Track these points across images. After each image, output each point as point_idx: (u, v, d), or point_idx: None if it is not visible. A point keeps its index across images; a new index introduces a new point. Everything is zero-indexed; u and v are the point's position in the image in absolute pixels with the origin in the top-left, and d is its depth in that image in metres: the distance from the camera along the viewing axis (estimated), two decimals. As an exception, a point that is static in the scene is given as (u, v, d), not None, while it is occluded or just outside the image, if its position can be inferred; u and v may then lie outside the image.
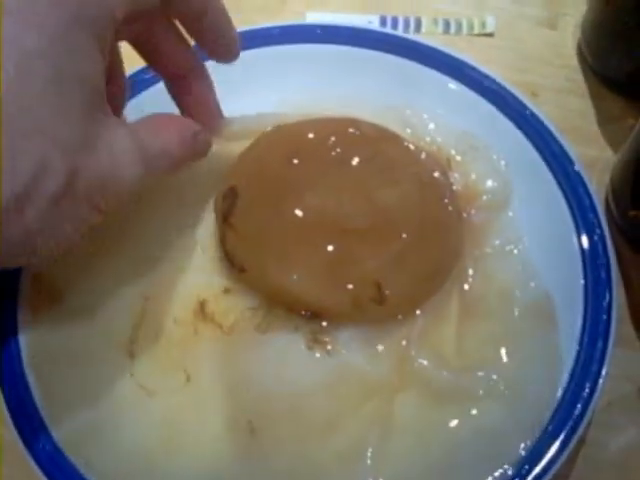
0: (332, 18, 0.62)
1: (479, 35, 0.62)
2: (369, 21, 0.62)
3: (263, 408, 0.44)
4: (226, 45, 0.46)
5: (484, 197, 0.51)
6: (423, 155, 0.51)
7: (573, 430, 0.42)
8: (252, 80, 0.55)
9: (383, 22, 0.63)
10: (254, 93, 0.54)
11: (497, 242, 0.49)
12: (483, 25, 0.62)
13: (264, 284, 0.47)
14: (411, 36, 0.58)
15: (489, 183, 0.51)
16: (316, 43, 0.56)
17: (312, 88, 0.55)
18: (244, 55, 0.53)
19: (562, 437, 0.42)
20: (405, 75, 0.55)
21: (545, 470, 0.42)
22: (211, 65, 0.55)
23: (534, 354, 0.46)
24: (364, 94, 0.55)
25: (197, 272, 0.48)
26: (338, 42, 0.56)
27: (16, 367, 0.45)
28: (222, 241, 0.48)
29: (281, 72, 0.56)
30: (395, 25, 0.62)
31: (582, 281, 0.47)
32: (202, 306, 0.47)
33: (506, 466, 0.42)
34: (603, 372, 0.44)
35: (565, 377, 0.44)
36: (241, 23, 0.57)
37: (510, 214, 0.51)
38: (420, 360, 0.45)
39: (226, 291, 0.48)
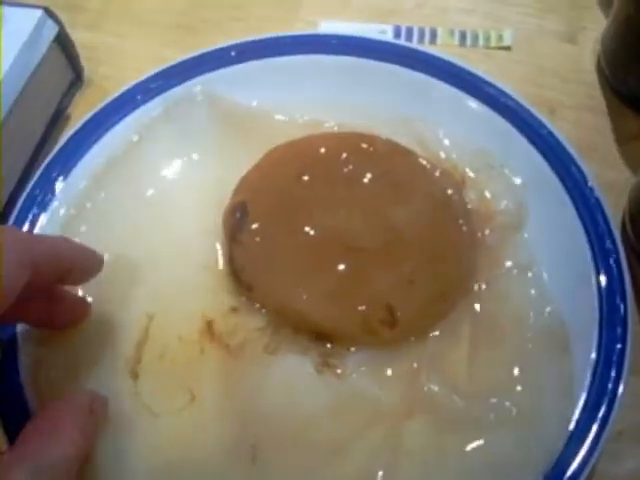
0: (346, 28, 0.61)
1: (496, 48, 0.61)
2: (383, 31, 0.61)
3: (268, 432, 0.43)
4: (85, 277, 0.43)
5: (499, 217, 0.50)
6: (437, 173, 0.50)
7: (585, 462, 0.41)
8: (262, 90, 0.54)
9: (397, 32, 0.61)
10: (263, 103, 0.54)
11: (511, 264, 0.48)
12: (500, 38, 0.61)
13: (272, 303, 0.46)
14: (426, 49, 0.57)
15: (504, 203, 0.50)
16: (328, 54, 0.55)
17: (324, 99, 0.54)
18: (256, 64, 0.53)
19: (574, 469, 0.41)
20: (419, 89, 0.54)
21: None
22: (220, 74, 0.53)
23: (547, 383, 0.44)
24: (377, 107, 0.54)
25: (204, 290, 0.48)
26: (351, 53, 0.55)
27: (16, 384, 0.44)
28: (230, 258, 0.47)
29: (292, 83, 0.55)
30: (410, 36, 0.61)
31: (597, 307, 0.46)
32: (209, 325, 0.46)
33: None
34: (616, 402, 0.43)
35: (578, 406, 0.43)
36: (253, 33, 0.57)
37: (525, 235, 0.49)
38: (431, 385, 0.44)
39: (233, 310, 0.47)
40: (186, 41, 0.61)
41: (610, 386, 0.43)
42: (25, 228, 0.49)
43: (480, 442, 0.43)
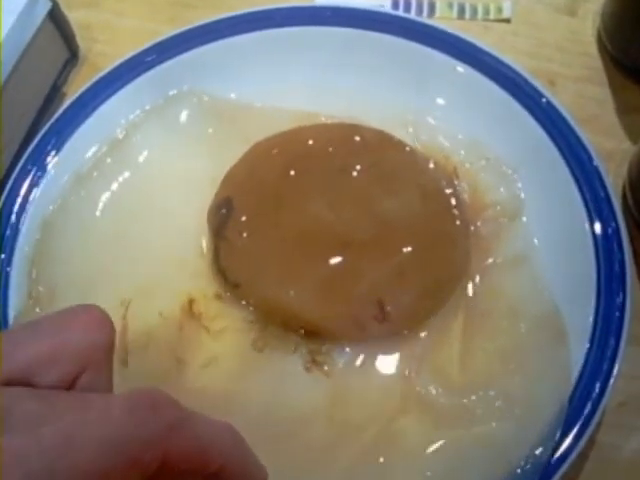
0: (343, 2, 0.60)
1: (495, 21, 0.60)
2: (380, 5, 0.60)
3: (257, 433, 0.40)
4: None
5: (492, 208, 0.49)
6: (429, 164, 0.49)
7: (582, 430, 0.41)
8: (254, 64, 0.54)
9: (395, 6, 0.61)
10: (251, 87, 0.53)
11: (506, 252, 0.47)
12: (499, 10, 0.60)
13: (260, 300, 0.45)
14: (423, 19, 0.56)
15: (498, 193, 0.49)
16: (322, 26, 0.54)
17: (314, 80, 0.53)
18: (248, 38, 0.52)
19: (571, 437, 0.41)
20: (415, 60, 0.53)
21: (553, 469, 0.40)
22: (207, 50, 0.54)
23: (543, 371, 0.43)
24: (368, 94, 0.53)
25: (188, 283, 0.47)
26: (343, 24, 0.54)
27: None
28: (215, 255, 0.46)
29: (284, 56, 0.54)
30: (408, 8, 0.60)
31: (595, 275, 0.45)
32: (190, 303, 0.45)
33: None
34: (615, 371, 0.42)
35: (575, 376, 0.42)
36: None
37: (524, 219, 0.48)
38: (423, 380, 0.43)
39: (217, 297, 0.46)
40: (183, 18, 0.60)
41: (609, 354, 0.43)
42: (17, 203, 0.49)
43: (475, 433, 0.42)
